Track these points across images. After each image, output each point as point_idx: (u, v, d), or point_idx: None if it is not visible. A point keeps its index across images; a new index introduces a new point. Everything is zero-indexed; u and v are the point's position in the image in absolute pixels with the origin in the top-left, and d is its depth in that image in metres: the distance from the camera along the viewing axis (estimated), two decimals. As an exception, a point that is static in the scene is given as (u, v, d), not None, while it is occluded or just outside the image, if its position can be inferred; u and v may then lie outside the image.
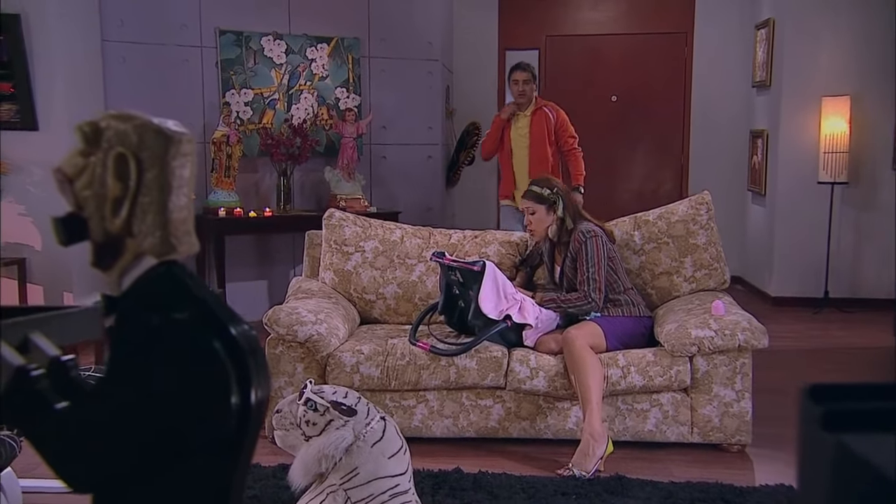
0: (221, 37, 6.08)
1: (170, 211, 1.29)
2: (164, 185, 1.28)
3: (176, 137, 1.28)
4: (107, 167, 1.29)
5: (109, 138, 1.29)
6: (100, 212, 1.29)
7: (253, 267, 6.36)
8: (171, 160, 1.28)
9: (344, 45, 6.45)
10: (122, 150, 1.28)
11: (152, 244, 1.29)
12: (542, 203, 3.88)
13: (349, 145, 6.26)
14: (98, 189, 1.29)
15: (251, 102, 6.18)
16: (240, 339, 1.26)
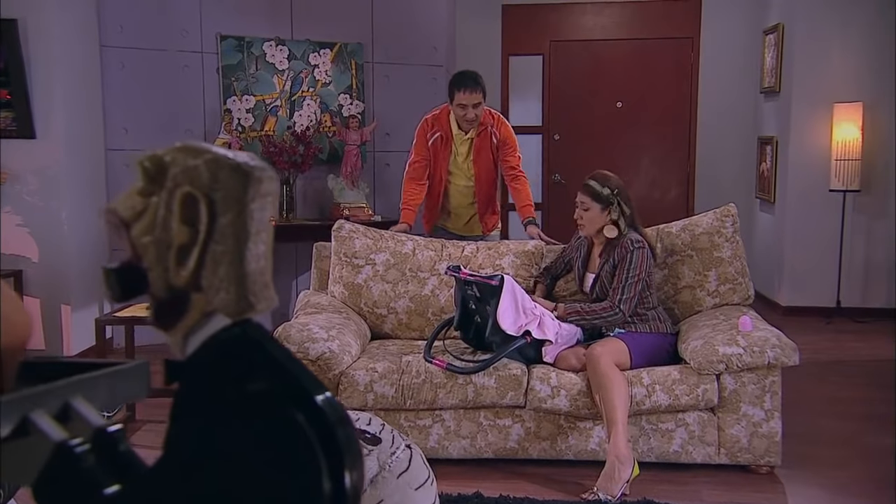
0: (222, 42, 5.93)
1: (247, 262, 1.09)
2: (241, 232, 1.08)
3: (256, 175, 1.09)
4: (171, 210, 1.09)
5: (175, 175, 1.10)
6: (162, 262, 1.10)
7: (255, 277, 6.20)
8: (249, 202, 1.08)
9: (347, 50, 6.31)
10: (191, 190, 1.09)
11: (225, 301, 1.09)
12: (599, 202, 3.72)
13: (353, 153, 6.12)
14: (160, 235, 1.10)
15: (253, 109, 6.04)
16: (327, 410, 1.07)
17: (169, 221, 1.09)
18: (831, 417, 4.23)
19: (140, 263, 1.12)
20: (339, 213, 6.02)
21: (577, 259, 3.93)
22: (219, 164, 1.10)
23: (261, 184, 1.10)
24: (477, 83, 4.38)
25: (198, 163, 1.10)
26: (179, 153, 1.13)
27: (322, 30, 6.23)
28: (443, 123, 4.50)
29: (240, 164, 1.10)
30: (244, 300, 1.10)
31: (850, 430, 4.08)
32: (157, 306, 1.14)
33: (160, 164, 1.12)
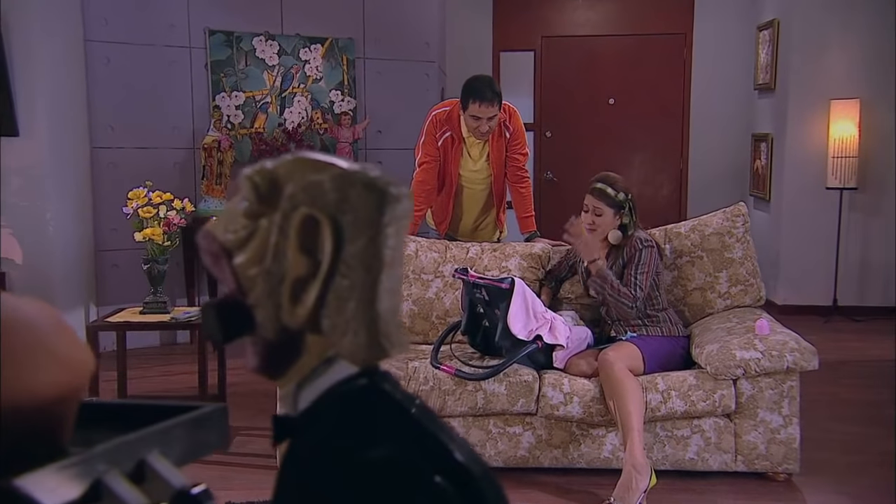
0: (211, 37, 5.78)
1: (379, 299, 0.90)
2: (374, 262, 0.90)
3: (393, 193, 0.91)
4: (287, 235, 0.91)
5: (293, 194, 0.91)
6: (273, 298, 0.92)
7: (244, 278, 6.05)
8: (385, 225, 0.90)
9: (338, 45, 6.17)
10: (313, 212, 0.90)
11: (352, 346, 0.90)
12: (612, 206, 3.59)
13: (345, 150, 5.99)
14: (272, 266, 0.91)
15: (242, 106, 5.89)
16: (472, 468, 0.90)
17: (283, 249, 0.91)
18: (843, 421, 4.16)
19: (245, 299, 0.93)
20: (332, 213, 5.89)
21: (581, 262, 3.81)
22: (348, 179, 0.91)
23: (398, 204, 0.91)
24: (495, 95, 4.00)
25: (321, 178, 0.91)
26: (296, 167, 0.93)
27: (312, 24, 6.09)
28: (454, 123, 4.20)
29: (374, 179, 0.91)
30: (376, 345, 0.91)
31: (863, 434, 4.00)
32: (265, 350, 0.95)
33: (273, 179, 0.93)
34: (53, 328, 0.80)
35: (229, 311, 0.94)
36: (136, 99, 5.59)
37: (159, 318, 3.86)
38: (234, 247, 0.94)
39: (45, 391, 0.77)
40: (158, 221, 3.85)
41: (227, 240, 0.94)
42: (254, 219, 0.93)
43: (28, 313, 0.79)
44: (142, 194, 3.89)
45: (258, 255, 0.92)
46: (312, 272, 0.90)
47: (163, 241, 3.86)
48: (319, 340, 0.93)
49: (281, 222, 0.92)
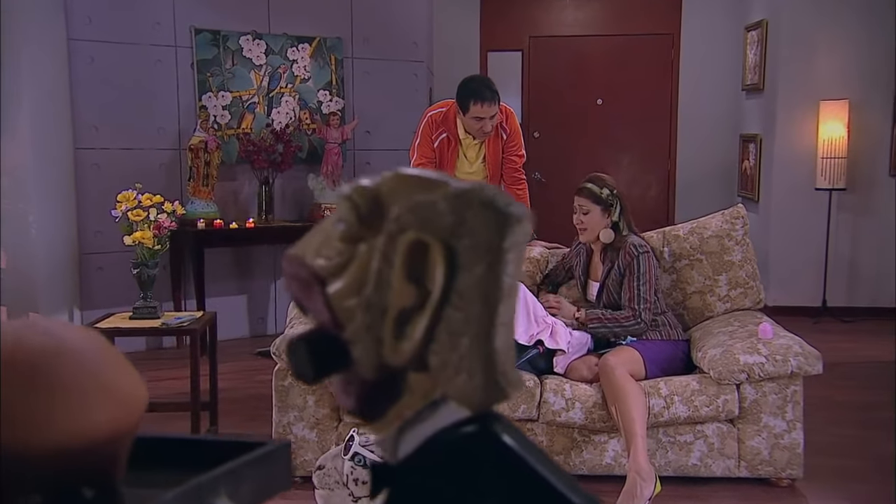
0: (197, 36, 5.68)
1: (497, 333, 0.78)
2: (492, 292, 0.78)
3: (515, 215, 0.79)
4: (391, 262, 0.80)
5: (401, 216, 0.80)
6: (373, 332, 0.81)
7: (231, 281, 5.96)
8: (506, 252, 0.78)
9: (326, 45, 6.09)
10: (423, 236, 0.79)
11: (465, 387, 0.78)
12: (599, 204, 3.56)
13: (334, 151, 5.91)
14: (373, 296, 0.81)
15: (229, 106, 5.79)
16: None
17: (386, 277, 0.80)
18: (840, 425, 4.14)
19: (340, 333, 0.82)
20: (320, 214, 5.81)
21: (578, 266, 3.77)
22: (464, 199, 0.79)
23: (519, 226, 0.80)
24: (495, 94, 3.99)
25: (433, 198, 0.80)
26: (402, 185, 0.83)
27: (300, 23, 6.00)
28: (450, 125, 4.14)
29: (494, 199, 0.79)
30: (493, 386, 0.79)
31: (861, 437, 3.99)
32: (362, 390, 0.84)
33: (375, 199, 0.82)
34: (105, 358, 0.73)
35: (322, 346, 0.83)
36: (120, 99, 5.48)
37: (150, 324, 3.77)
38: (329, 274, 0.83)
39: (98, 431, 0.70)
40: (148, 225, 3.76)
41: (321, 266, 0.83)
42: (352, 243, 0.83)
43: (76, 342, 0.72)
44: (131, 196, 3.80)
45: (357, 284, 0.82)
46: (420, 303, 0.80)
47: (153, 245, 3.76)
48: (425, 379, 0.82)
49: (384, 247, 0.81)
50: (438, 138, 4.13)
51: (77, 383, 0.69)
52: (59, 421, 0.67)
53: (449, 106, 4.17)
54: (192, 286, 5.61)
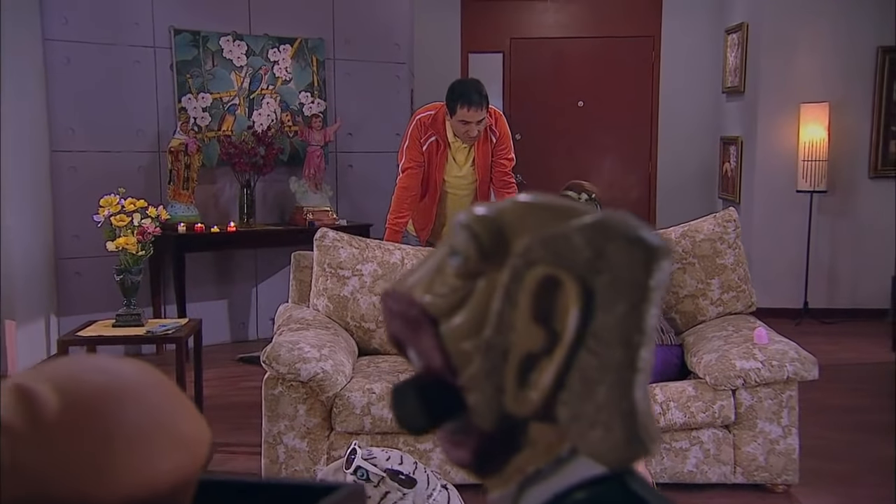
0: (176, 36, 5.58)
1: (638, 381, 0.70)
2: (635, 336, 0.70)
3: (662, 249, 0.71)
4: (516, 300, 0.71)
5: (529, 249, 0.71)
6: (493, 377, 0.72)
7: (212, 286, 5.86)
8: (652, 290, 0.70)
9: (308, 46, 6.02)
10: (555, 271, 0.71)
11: (603, 442, 0.70)
12: None
13: (316, 154, 5.83)
14: (493, 338, 0.72)
15: (209, 108, 5.70)
16: None
17: (510, 317, 0.71)
18: (830, 428, 4.13)
19: (453, 378, 0.74)
20: (302, 218, 5.74)
21: None
22: (605, 231, 0.70)
23: (666, 262, 0.72)
24: (483, 98, 3.92)
25: (567, 230, 0.71)
26: (529, 214, 0.74)
27: (281, 24, 5.92)
28: (439, 128, 4.08)
29: (638, 231, 0.71)
30: (635, 441, 0.70)
31: (852, 441, 3.99)
32: (478, 442, 0.75)
33: (498, 230, 0.74)
34: (168, 399, 0.67)
35: (433, 392, 0.75)
36: (97, 100, 5.37)
37: (134, 332, 3.69)
38: (442, 313, 0.74)
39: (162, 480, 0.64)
40: (132, 230, 3.67)
41: (433, 303, 0.75)
42: (470, 278, 0.74)
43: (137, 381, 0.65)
44: (114, 201, 3.71)
45: (475, 324, 0.73)
46: (548, 347, 0.71)
47: (137, 251, 3.68)
48: (550, 431, 0.73)
49: (508, 284, 0.72)
50: (427, 141, 4.08)
51: (140, 428, 0.63)
52: (120, 470, 0.61)
53: (438, 109, 4.12)
54: (172, 291, 5.50)
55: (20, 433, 0.59)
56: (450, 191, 4.24)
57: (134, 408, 0.64)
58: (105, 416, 0.62)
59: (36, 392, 0.60)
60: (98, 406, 0.62)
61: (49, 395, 0.61)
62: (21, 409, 0.60)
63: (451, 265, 0.76)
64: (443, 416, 0.76)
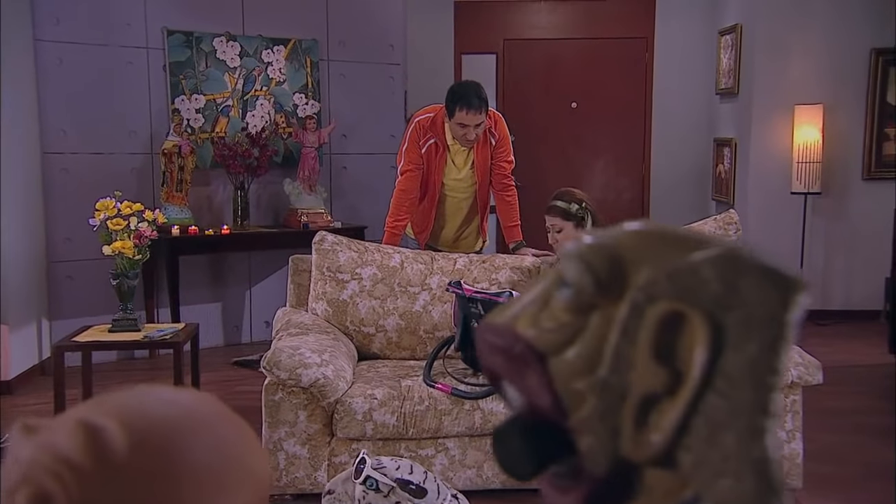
0: (169, 37, 5.53)
1: (769, 428, 0.65)
2: (768, 377, 0.64)
3: (797, 282, 0.66)
4: (635, 336, 0.66)
5: (652, 282, 0.66)
6: (608, 419, 0.67)
7: (205, 288, 5.81)
8: (788, 327, 0.65)
9: (302, 47, 5.97)
10: (679, 307, 0.66)
11: (730, 492, 0.64)
12: (570, 220, 3.54)
13: (310, 155, 5.79)
14: (609, 377, 0.67)
15: (203, 109, 5.64)
16: None
17: (628, 355, 0.66)
18: (829, 431, 4.12)
19: (562, 419, 0.68)
20: (296, 220, 5.70)
21: None
22: (737, 264, 0.65)
23: (802, 295, 0.67)
24: (483, 102, 3.88)
25: (695, 262, 0.66)
26: (649, 244, 0.69)
27: (275, 25, 5.88)
28: (438, 130, 4.05)
29: (774, 265, 0.66)
30: (767, 492, 0.64)
31: (857, 444, 3.98)
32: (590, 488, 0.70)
33: (616, 260, 0.69)
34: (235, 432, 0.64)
35: (540, 434, 0.70)
36: (90, 102, 5.31)
37: (132, 337, 3.64)
38: (552, 349, 0.69)
39: None
40: (129, 234, 3.62)
41: (541, 339, 0.69)
42: (582, 313, 0.69)
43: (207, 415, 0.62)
44: (110, 205, 3.66)
45: (588, 362, 0.67)
46: (670, 387, 0.65)
47: (133, 255, 3.63)
48: (669, 478, 0.67)
49: (627, 319, 0.67)
50: (426, 144, 4.05)
51: (210, 466, 0.60)
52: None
53: (437, 111, 4.08)
54: (165, 294, 5.45)
55: (87, 473, 0.56)
56: (449, 194, 4.20)
57: (203, 444, 0.61)
58: (175, 455, 0.59)
59: (104, 429, 0.57)
60: (167, 444, 0.59)
61: (117, 433, 0.57)
62: (88, 448, 0.57)
63: (560, 298, 0.71)
64: (549, 460, 0.71)
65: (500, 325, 0.73)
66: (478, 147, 4.08)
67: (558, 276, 0.72)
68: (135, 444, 0.58)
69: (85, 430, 0.57)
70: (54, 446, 0.57)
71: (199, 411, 0.63)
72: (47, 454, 0.57)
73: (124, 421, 0.58)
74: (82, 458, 0.56)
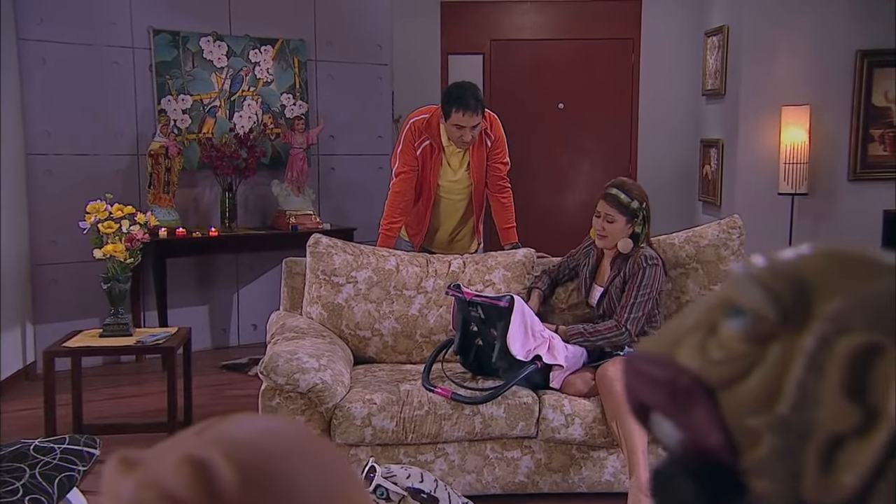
0: (155, 37, 5.45)
1: None
2: None
3: None
4: (823, 370, 0.60)
5: (844, 311, 0.60)
6: (789, 460, 0.60)
7: (192, 291, 5.74)
8: None
9: (289, 47, 5.91)
10: (877, 338, 0.59)
11: None
12: (625, 214, 3.47)
13: (299, 157, 5.74)
14: (791, 414, 0.60)
15: (189, 110, 5.57)
16: None
17: (814, 391, 0.60)
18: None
19: (732, 459, 0.62)
20: (285, 222, 5.65)
21: (586, 267, 3.67)
22: None
23: None
24: (479, 103, 3.86)
25: (892, 288, 0.60)
26: (836, 266, 0.63)
27: (262, 25, 5.81)
28: (433, 131, 4.00)
29: None
30: None
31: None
32: None
33: (801, 286, 0.62)
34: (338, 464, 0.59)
35: (707, 476, 0.63)
36: (74, 102, 5.23)
37: (124, 342, 3.57)
38: (723, 383, 0.63)
39: None
40: (120, 237, 3.56)
41: (710, 371, 0.63)
42: (760, 343, 0.62)
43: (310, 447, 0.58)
44: (101, 207, 3.59)
45: (766, 397, 0.61)
46: (862, 427, 0.59)
47: (125, 258, 3.56)
48: None
49: (815, 351, 0.60)
50: (421, 146, 4.01)
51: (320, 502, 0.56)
52: None
53: (432, 112, 4.05)
54: (152, 297, 5.37)
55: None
56: (444, 195, 4.17)
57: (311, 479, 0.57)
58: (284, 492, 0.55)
59: (212, 464, 0.53)
60: (276, 480, 0.55)
61: (225, 468, 0.53)
62: (197, 485, 0.53)
63: (733, 326, 0.65)
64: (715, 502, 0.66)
65: (658, 354, 0.67)
66: (474, 149, 4.05)
67: (725, 301, 0.66)
68: (244, 480, 0.54)
69: (192, 466, 0.53)
70: (160, 484, 0.53)
71: (304, 443, 0.59)
72: (153, 492, 0.53)
73: (230, 454, 0.54)
74: (191, 496, 0.52)
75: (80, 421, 3.70)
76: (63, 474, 2.55)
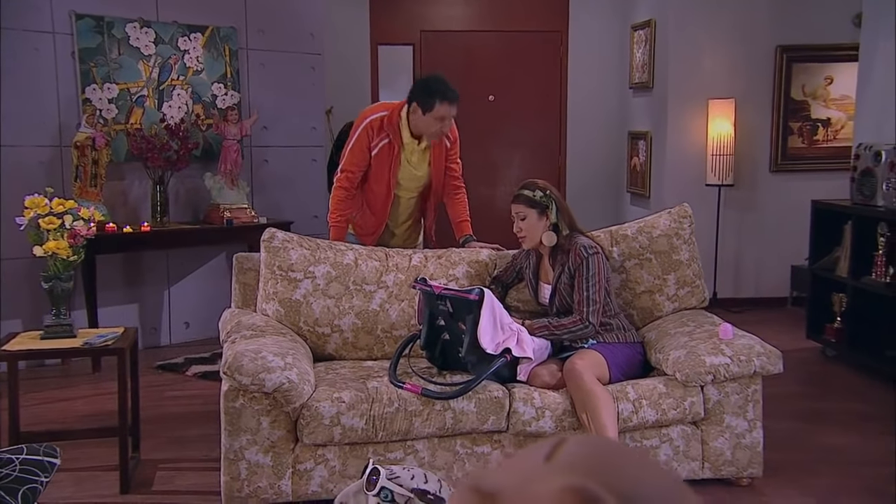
0: (78, 22, 5.18)
1: None
2: None
3: None
4: None
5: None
6: None
7: (121, 289, 5.49)
8: None
9: (220, 35, 5.72)
10: None
11: None
12: (534, 207, 3.47)
13: (232, 148, 5.56)
14: None
15: (116, 99, 5.33)
16: None
17: None
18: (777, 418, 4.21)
19: None
20: (218, 216, 5.47)
21: (528, 269, 3.67)
22: None
23: None
24: (456, 94, 3.87)
25: None
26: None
27: (191, 11, 5.61)
28: (394, 129, 3.90)
29: None
30: None
31: (803, 430, 4.10)
32: None
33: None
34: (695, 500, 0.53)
35: None
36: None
37: (68, 344, 3.37)
38: None
39: None
40: (62, 234, 3.36)
41: None
42: None
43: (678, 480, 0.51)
44: (41, 202, 3.38)
45: None
46: None
47: (68, 256, 3.37)
48: None
49: None
50: (378, 145, 3.92)
51: None
52: None
53: (391, 109, 3.96)
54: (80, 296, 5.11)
55: None
56: (399, 193, 4.09)
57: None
58: None
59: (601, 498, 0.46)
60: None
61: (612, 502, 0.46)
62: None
63: None
64: None
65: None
66: (434, 148, 4.00)
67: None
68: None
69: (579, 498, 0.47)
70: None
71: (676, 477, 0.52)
72: None
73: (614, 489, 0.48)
74: None
75: (18, 428, 3.48)
76: (26, 486, 2.39)
